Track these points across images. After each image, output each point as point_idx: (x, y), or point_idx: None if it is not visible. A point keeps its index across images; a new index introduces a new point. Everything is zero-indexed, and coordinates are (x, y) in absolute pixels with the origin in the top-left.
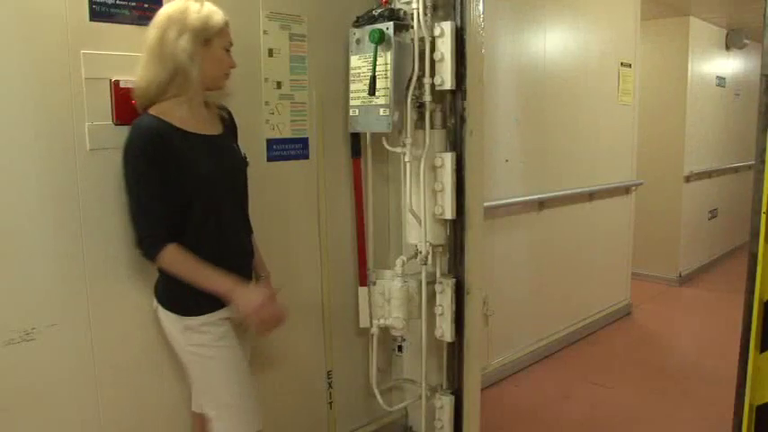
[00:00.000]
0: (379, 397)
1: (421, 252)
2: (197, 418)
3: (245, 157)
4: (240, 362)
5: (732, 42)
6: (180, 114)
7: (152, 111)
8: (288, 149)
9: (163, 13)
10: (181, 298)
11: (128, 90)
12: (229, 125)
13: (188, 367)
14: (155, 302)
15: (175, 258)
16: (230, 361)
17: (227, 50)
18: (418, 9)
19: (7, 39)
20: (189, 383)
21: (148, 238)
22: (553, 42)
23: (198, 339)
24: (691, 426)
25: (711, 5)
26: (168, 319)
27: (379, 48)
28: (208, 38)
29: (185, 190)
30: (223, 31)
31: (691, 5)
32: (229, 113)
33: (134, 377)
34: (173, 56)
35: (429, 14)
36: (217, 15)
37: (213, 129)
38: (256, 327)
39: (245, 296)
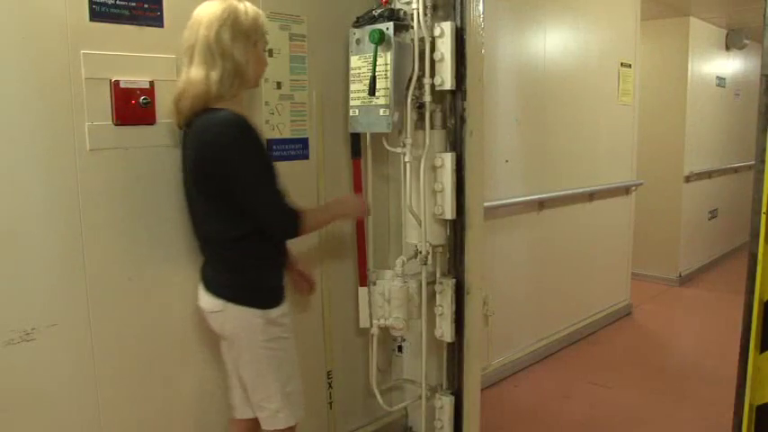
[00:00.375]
0: (379, 397)
1: (421, 252)
2: (240, 425)
3: None
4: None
5: (732, 42)
6: (240, 112)
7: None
8: (288, 150)
9: (208, 13)
10: (264, 291)
11: (128, 90)
12: None
13: (258, 363)
14: (218, 303)
15: (311, 217)
16: (294, 350)
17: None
18: (418, 9)
19: (7, 38)
20: (235, 390)
21: (290, 215)
22: (553, 42)
23: (275, 332)
24: (691, 426)
25: (711, 5)
26: (246, 315)
27: (379, 48)
28: (256, 39)
29: None
30: (265, 31)
31: (691, 5)
32: None
33: (134, 377)
34: (231, 57)
35: (429, 15)
36: (261, 17)
37: None
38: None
39: (352, 201)
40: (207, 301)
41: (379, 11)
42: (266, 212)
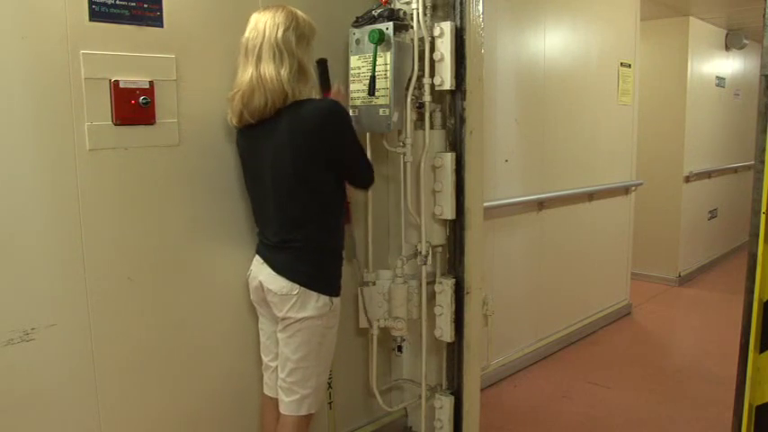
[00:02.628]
0: (378, 397)
1: (420, 252)
2: (274, 402)
3: None
4: None
5: (732, 43)
6: None
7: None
8: None
9: (272, 16)
10: (335, 279)
11: (127, 90)
12: None
13: (308, 346)
14: (294, 286)
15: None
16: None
17: None
18: (418, 9)
19: (7, 39)
20: (282, 370)
21: (372, 169)
22: (553, 42)
23: (333, 321)
24: (691, 426)
25: (711, 5)
26: (318, 302)
27: (378, 48)
28: (309, 41)
29: None
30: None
31: (690, 5)
32: None
33: (134, 377)
34: (296, 56)
35: (429, 15)
36: (312, 21)
37: None
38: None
39: (343, 101)
40: (278, 283)
41: (378, 11)
42: (363, 168)
